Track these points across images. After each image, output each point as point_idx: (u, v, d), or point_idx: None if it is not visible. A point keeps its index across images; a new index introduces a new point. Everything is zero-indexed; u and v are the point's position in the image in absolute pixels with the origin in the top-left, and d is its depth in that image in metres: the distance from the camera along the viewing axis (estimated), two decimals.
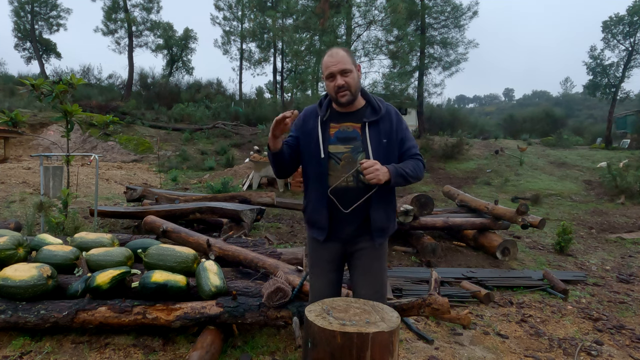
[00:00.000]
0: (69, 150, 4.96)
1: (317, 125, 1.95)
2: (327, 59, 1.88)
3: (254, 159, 11.28)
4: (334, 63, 1.85)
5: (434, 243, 5.25)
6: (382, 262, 2.00)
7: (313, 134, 1.95)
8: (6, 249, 2.97)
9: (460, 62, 20.68)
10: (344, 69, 1.85)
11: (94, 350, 2.60)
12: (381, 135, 1.92)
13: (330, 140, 1.93)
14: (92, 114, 13.44)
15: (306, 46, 16.71)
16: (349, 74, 1.85)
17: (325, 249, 2.02)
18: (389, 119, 1.95)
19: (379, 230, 1.94)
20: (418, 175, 1.93)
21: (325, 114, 1.97)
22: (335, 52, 1.88)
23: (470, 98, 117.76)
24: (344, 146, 1.92)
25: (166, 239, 3.77)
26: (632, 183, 11.07)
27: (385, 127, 1.93)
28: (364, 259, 1.97)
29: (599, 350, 3.01)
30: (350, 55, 1.89)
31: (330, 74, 1.87)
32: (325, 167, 1.92)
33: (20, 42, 31.18)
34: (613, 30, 22.91)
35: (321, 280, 2.05)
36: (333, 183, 1.90)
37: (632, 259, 5.82)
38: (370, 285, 1.95)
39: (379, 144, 1.90)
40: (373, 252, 1.97)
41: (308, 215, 2.05)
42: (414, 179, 1.92)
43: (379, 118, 1.93)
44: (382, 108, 1.96)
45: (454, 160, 16.53)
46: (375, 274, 1.97)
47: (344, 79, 1.85)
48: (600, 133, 27.04)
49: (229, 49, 33.14)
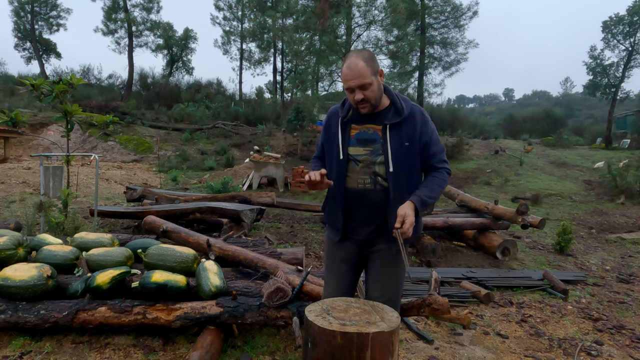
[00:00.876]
0: (69, 150, 4.96)
1: (338, 126, 1.94)
2: (346, 72, 1.78)
3: (254, 159, 11.28)
4: (352, 78, 1.76)
5: (434, 243, 5.25)
6: (397, 267, 1.93)
7: (335, 135, 1.94)
8: (6, 249, 2.97)
9: (460, 62, 20.72)
10: (362, 84, 1.76)
11: (94, 350, 2.60)
12: (403, 138, 1.84)
13: (350, 142, 1.90)
14: (92, 114, 13.47)
15: (306, 46, 16.70)
16: (369, 87, 1.77)
17: (341, 249, 2.00)
18: (412, 121, 1.86)
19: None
20: (443, 190, 1.92)
21: (346, 115, 1.93)
22: (354, 64, 1.75)
23: (470, 98, 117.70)
24: (364, 148, 1.88)
25: (166, 239, 3.77)
26: (632, 183, 11.06)
27: (408, 129, 1.85)
28: (378, 262, 1.93)
29: (599, 350, 3.01)
30: (370, 64, 1.78)
31: (349, 88, 1.80)
32: (343, 169, 1.90)
33: (20, 42, 31.17)
34: (613, 30, 22.89)
35: (335, 280, 2.02)
36: (351, 185, 1.89)
37: (632, 259, 5.82)
38: (382, 289, 1.90)
39: (400, 147, 1.83)
40: (389, 256, 1.91)
41: (326, 215, 2.06)
42: (439, 196, 1.91)
43: (402, 120, 1.85)
44: (405, 109, 1.87)
45: (454, 160, 16.51)
46: (389, 279, 1.91)
47: (363, 93, 1.78)
48: (600, 133, 27.03)
49: (229, 49, 33.17)
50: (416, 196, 1.80)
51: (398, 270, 1.94)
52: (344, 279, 2.00)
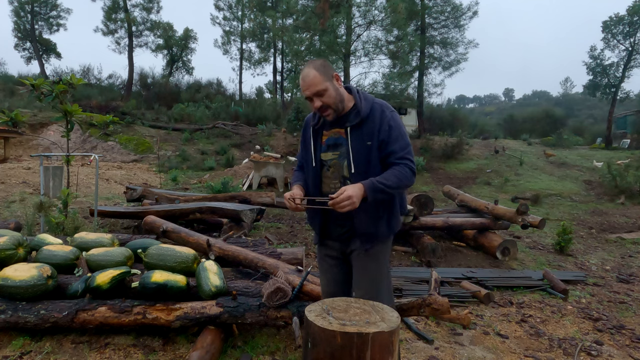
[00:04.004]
0: (69, 150, 4.96)
1: (311, 135, 2.02)
2: (300, 83, 1.86)
3: (254, 158, 11.28)
4: (306, 87, 1.83)
5: (434, 243, 5.25)
6: (376, 264, 1.95)
7: (309, 143, 2.02)
8: (6, 249, 2.97)
9: (460, 62, 20.69)
10: (316, 91, 1.82)
11: (94, 350, 2.60)
12: (364, 137, 1.86)
13: (322, 148, 1.98)
14: (92, 114, 13.44)
15: (306, 46, 16.70)
16: (324, 93, 1.82)
17: (325, 246, 2.10)
18: (372, 120, 1.87)
19: (363, 236, 1.92)
20: (403, 183, 1.81)
21: (317, 123, 2.00)
22: (305, 75, 1.83)
23: (470, 98, 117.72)
24: (332, 153, 1.95)
25: (166, 239, 3.77)
26: (632, 183, 11.07)
27: (368, 128, 1.86)
28: (356, 261, 1.98)
29: (599, 350, 3.01)
30: (323, 70, 1.83)
31: (307, 97, 1.87)
32: (318, 175, 1.99)
33: (20, 42, 31.19)
34: (613, 30, 22.90)
35: (325, 276, 2.13)
36: (326, 189, 1.96)
37: (632, 259, 5.82)
38: (362, 287, 1.93)
39: (362, 147, 1.85)
40: (364, 254, 1.94)
41: (307, 218, 2.15)
42: (399, 189, 1.82)
43: (361, 120, 1.87)
44: (364, 108, 1.88)
45: (454, 160, 16.52)
46: (368, 277, 1.94)
47: (320, 100, 1.83)
48: (600, 133, 27.04)
49: (229, 49, 33.21)
50: (368, 180, 1.77)
51: (377, 269, 1.95)
52: (331, 273, 2.09)
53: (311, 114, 2.09)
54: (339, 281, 2.07)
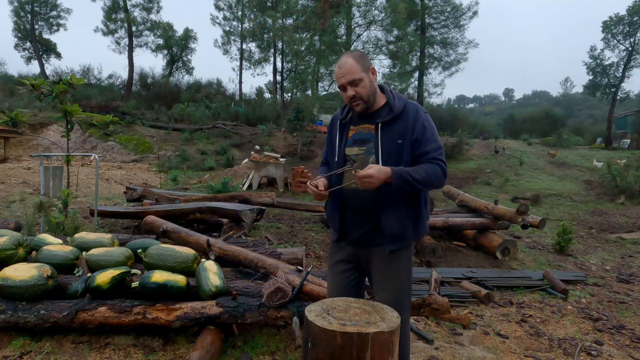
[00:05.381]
0: (69, 150, 4.95)
1: (337, 129, 2.00)
2: (336, 71, 1.85)
3: (254, 159, 11.28)
4: (342, 75, 1.82)
5: (434, 243, 5.25)
6: (398, 268, 1.89)
7: (334, 138, 2.02)
8: (6, 249, 2.97)
9: (460, 62, 20.75)
10: (352, 80, 1.81)
11: (94, 350, 2.60)
12: (395, 135, 1.84)
13: (347, 142, 1.96)
14: (92, 114, 13.45)
15: (306, 46, 16.71)
16: (359, 82, 1.81)
17: (339, 249, 2.02)
18: (405, 118, 1.85)
19: (389, 237, 1.85)
20: (432, 181, 1.77)
21: (345, 117, 1.99)
22: (343, 63, 1.83)
23: (470, 98, 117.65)
24: (359, 148, 1.92)
25: (166, 239, 3.77)
26: (632, 183, 11.07)
27: (400, 127, 1.84)
28: (377, 265, 1.91)
29: (599, 350, 3.01)
30: (361, 61, 1.83)
31: (341, 86, 1.86)
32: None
33: (20, 42, 31.16)
34: (613, 30, 22.90)
35: (332, 280, 2.04)
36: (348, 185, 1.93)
37: (632, 259, 5.82)
38: (384, 292, 1.87)
39: (392, 145, 1.83)
40: (385, 257, 1.88)
41: (326, 215, 2.10)
42: (427, 186, 1.78)
43: (394, 117, 1.85)
44: (398, 106, 1.87)
45: (454, 160, 16.51)
46: (390, 281, 1.88)
47: (354, 89, 1.82)
48: (600, 133, 27.02)
49: (229, 49, 33.19)
50: (398, 167, 1.75)
51: (400, 271, 1.90)
52: (338, 279, 2.01)
53: (339, 110, 2.08)
54: (348, 288, 1.99)
